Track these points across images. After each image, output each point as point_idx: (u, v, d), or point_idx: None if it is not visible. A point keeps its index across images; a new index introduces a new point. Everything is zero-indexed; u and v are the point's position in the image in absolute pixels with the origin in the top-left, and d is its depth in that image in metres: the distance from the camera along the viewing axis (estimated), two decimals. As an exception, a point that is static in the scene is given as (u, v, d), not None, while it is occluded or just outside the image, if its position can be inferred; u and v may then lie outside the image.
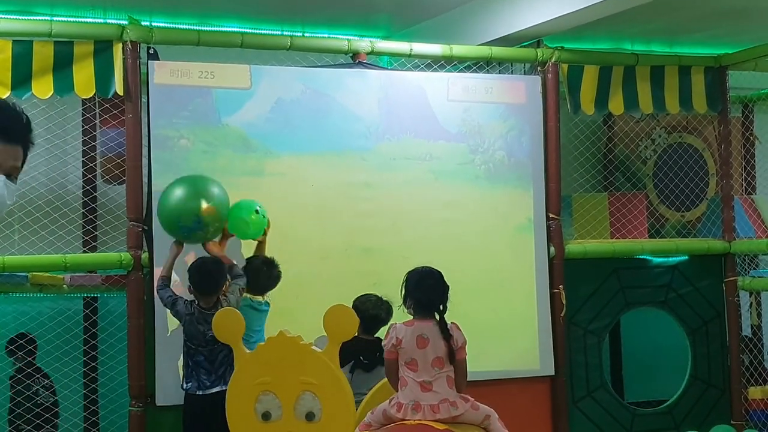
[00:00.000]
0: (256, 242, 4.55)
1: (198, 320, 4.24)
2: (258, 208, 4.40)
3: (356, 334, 3.99)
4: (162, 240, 4.61)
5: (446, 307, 3.66)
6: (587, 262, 5.54)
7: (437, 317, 3.64)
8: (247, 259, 4.54)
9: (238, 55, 4.97)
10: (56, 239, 5.03)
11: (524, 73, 5.60)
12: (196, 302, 4.29)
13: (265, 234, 4.51)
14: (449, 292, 3.70)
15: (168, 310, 4.37)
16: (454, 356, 3.57)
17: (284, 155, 4.92)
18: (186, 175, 4.43)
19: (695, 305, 5.82)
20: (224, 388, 4.11)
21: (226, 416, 3.96)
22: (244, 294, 4.38)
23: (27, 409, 4.82)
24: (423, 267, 3.76)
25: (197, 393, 4.20)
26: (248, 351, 4.04)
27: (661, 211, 6.29)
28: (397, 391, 3.65)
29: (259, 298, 4.47)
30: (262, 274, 4.47)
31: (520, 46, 5.49)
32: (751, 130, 6.50)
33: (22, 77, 4.49)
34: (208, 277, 4.26)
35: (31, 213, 5.07)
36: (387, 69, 5.45)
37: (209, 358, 4.22)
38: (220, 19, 5.50)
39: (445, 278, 3.73)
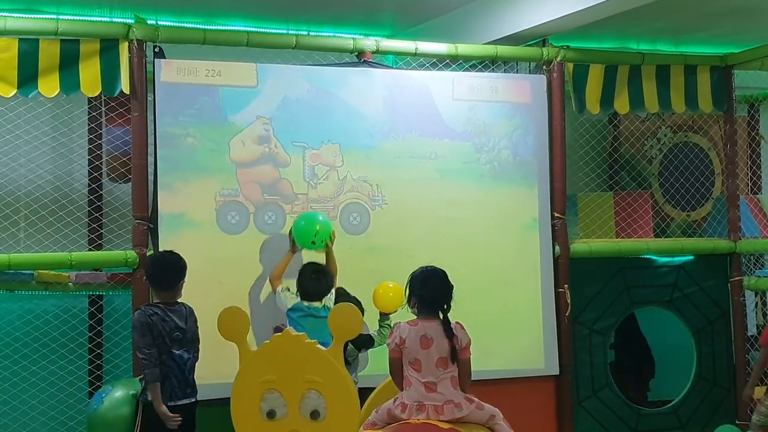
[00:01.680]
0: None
1: (163, 319, 4.10)
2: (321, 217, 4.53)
3: None
4: (167, 238, 4.63)
5: (450, 307, 3.66)
6: (592, 262, 5.53)
7: (441, 317, 3.64)
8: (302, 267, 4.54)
9: (243, 54, 4.98)
10: (62, 237, 5.05)
11: (529, 72, 5.60)
12: (157, 301, 4.18)
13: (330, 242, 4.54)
14: (453, 291, 3.70)
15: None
16: (456, 355, 3.56)
17: (289, 153, 4.92)
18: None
19: (701, 305, 5.81)
20: (192, 400, 4.07)
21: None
22: (301, 301, 4.38)
23: None
24: (428, 266, 3.76)
25: (169, 403, 4.05)
26: (252, 349, 4.04)
27: (667, 211, 6.28)
28: (401, 390, 3.65)
29: (316, 304, 4.41)
30: (310, 280, 4.43)
31: (526, 45, 5.49)
32: (757, 129, 6.49)
33: (28, 75, 4.51)
34: (168, 272, 4.17)
35: (37, 211, 5.09)
36: (392, 68, 5.45)
37: (179, 365, 4.07)
38: (225, 18, 5.50)
39: (449, 278, 3.73)
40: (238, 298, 4.52)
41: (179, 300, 4.21)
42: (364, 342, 4.44)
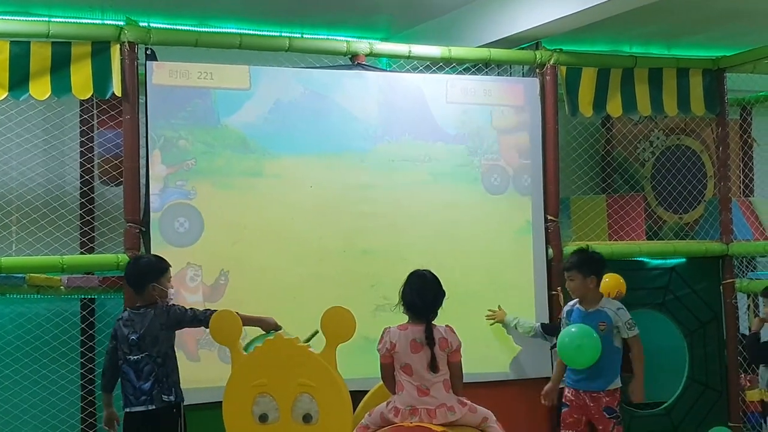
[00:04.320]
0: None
1: (125, 323, 4.11)
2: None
3: None
4: (159, 241, 4.62)
5: (436, 314, 3.65)
6: (585, 264, 5.53)
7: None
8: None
9: (236, 57, 4.97)
10: (53, 240, 5.02)
11: (523, 75, 5.60)
12: (135, 303, 4.19)
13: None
14: (444, 297, 3.70)
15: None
16: (436, 364, 3.55)
17: (283, 156, 4.92)
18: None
19: (693, 307, 5.83)
20: (150, 408, 3.99)
21: None
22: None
23: None
24: (421, 270, 3.76)
25: (125, 409, 4.06)
26: (245, 353, 4.03)
27: (659, 213, 6.29)
28: (393, 394, 3.65)
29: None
30: None
31: (519, 48, 5.49)
32: (749, 132, 6.51)
33: (19, 78, 4.48)
34: (135, 274, 4.16)
35: (29, 214, 5.06)
36: (386, 70, 5.44)
37: (135, 370, 4.04)
38: (218, 20, 5.49)
39: (441, 283, 3.72)
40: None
41: (159, 303, 4.15)
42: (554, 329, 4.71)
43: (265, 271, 4.80)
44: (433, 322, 3.64)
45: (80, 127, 5.19)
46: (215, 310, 4.16)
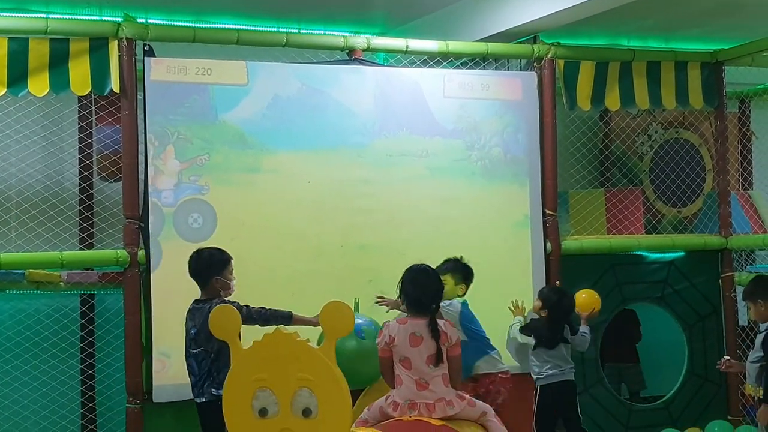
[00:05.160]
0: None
1: (190, 315, 4.11)
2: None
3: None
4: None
5: (438, 306, 3.66)
6: (584, 258, 5.54)
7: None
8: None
9: (233, 52, 4.97)
10: (53, 236, 5.04)
11: (520, 70, 5.61)
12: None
13: None
14: (444, 290, 3.70)
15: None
16: (442, 357, 3.56)
17: (281, 152, 4.93)
18: None
19: (692, 301, 5.84)
20: (201, 400, 4.00)
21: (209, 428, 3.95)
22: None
23: None
24: (419, 264, 3.77)
25: (194, 400, 4.08)
26: (244, 348, 4.04)
27: (658, 207, 6.30)
28: (392, 388, 3.66)
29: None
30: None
31: (517, 42, 5.49)
32: (748, 125, 6.51)
33: (18, 74, 4.50)
34: (196, 268, 4.10)
35: (28, 210, 5.08)
36: (383, 65, 5.44)
37: (196, 362, 4.03)
38: (216, 16, 5.49)
39: (440, 277, 3.73)
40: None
41: (221, 296, 4.09)
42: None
43: (264, 267, 4.81)
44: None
45: (79, 124, 5.20)
46: (270, 309, 4.14)
